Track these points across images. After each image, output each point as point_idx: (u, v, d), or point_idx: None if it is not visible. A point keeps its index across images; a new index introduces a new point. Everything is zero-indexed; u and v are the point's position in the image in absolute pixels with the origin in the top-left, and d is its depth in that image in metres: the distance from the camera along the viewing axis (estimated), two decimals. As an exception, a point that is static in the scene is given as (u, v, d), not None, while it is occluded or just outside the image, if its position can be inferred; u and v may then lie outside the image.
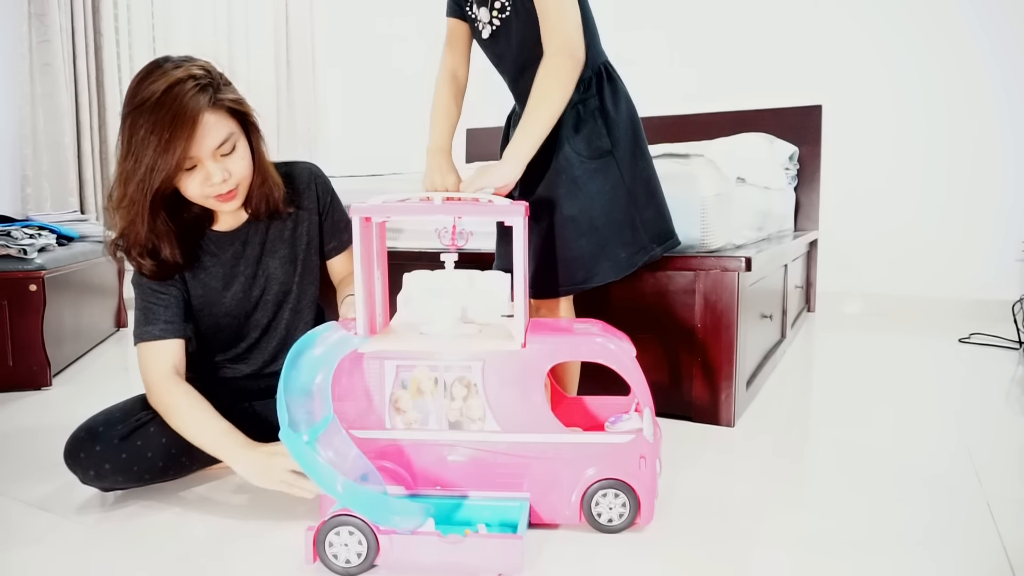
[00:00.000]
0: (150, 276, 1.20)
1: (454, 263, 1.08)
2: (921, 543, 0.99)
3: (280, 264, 1.31)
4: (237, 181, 1.18)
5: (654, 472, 1.02)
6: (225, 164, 1.15)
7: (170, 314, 1.22)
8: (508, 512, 1.00)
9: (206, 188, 1.15)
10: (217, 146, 1.13)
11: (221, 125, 1.13)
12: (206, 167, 1.13)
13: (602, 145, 1.27)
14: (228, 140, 1.15)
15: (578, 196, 1.26)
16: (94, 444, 1.12)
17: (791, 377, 1.99)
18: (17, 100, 2.84)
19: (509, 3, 1.27)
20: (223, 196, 1.18)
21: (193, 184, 1.14)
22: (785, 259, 2.22)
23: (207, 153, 1.12)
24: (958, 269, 2.94)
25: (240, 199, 1.22)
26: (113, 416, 1.17)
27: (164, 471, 1.18)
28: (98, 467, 1.12)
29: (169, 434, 1.16)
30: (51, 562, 0.97)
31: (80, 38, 2.98)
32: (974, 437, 1.44)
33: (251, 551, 0.99)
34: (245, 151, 1.20)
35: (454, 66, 1.40)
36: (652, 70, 3.36)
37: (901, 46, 2.97)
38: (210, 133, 1.11)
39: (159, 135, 1.06)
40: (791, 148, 2.90)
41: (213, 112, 1.12)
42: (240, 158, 1.18)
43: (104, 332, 2.59)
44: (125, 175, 1.10)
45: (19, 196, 2.87)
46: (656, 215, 1.34)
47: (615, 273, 1.29)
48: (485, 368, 1.00)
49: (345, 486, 0.88)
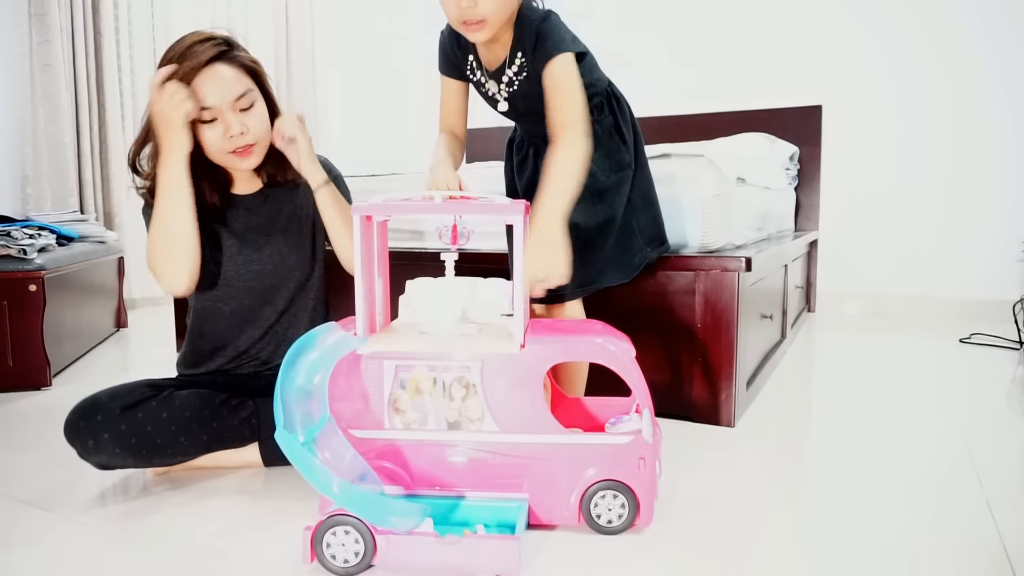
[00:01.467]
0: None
1: (454, 262, 1.08)
2: (921, 543, 0.99)
3: (284, 239, 1.35)
4: (255, 137, 1.25)
5: (653, 473, 1.01)
6: (243, 118, 1.23)
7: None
8: (506, 513, 1.00)
9: (225, 141, 1.22)
10: (236, 98, 1.21)
11: (237, 79, 1.22)
12: (225, 118, 1.21)
13: (623, 159, 1.35)
14: (246, 95, 1.23)
15: (601, 209, 1.31)
16: (95, 414, 1.14)
17: (791, 377, 1.99)
18: (17, 100, 2.84)
19: (520, 74, 1.26)
20: (241, 151, 1.24)
21: (214, 137, 1.22)
22: (785, 259, 2.22)
23: (226, 104, 1.20)
24: (958, 269, 2.94)
25: (257, 158, 1.28)
26: (117, 391, 1.19)
27: (162, 448, 1.17)
28: (96, 437, 1.12)
29: (170, 411, 1.18)
30: (50, 562, 0.97)
31: (80, 38, 2.99)
32: (974, 437, 1.43)
33: (249, 551, 0.99)
34: (263, 111, 1.27)
35: (452, 125, 1.39)
36: (652, 70, 3.36)
37: (901, 46, 2.97)
38: (226, 84, 1.20)
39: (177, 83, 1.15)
40: (791, 148, 2.90)
41: (227, 65, 1.21)
42: (258, 115, 1.25)
43: (104, 332, 2.59)
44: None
45: (19, 196, 2.88)
46: (651, 221, 1.44)
47: (621, 276, 1.37)
48: (484, 368, 1.00)
49: (341, 487, 0.88)
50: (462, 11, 1.16)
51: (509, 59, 1.26)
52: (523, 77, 1.27)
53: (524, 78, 1.27)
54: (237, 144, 1.23)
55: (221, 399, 1.25)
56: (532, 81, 1.25)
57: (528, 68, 1.25)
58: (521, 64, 1.25)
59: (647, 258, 1.43)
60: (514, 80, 1.28)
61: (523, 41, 1.23)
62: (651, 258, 1.44)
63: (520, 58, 1.25)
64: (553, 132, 1.19)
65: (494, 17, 1.17)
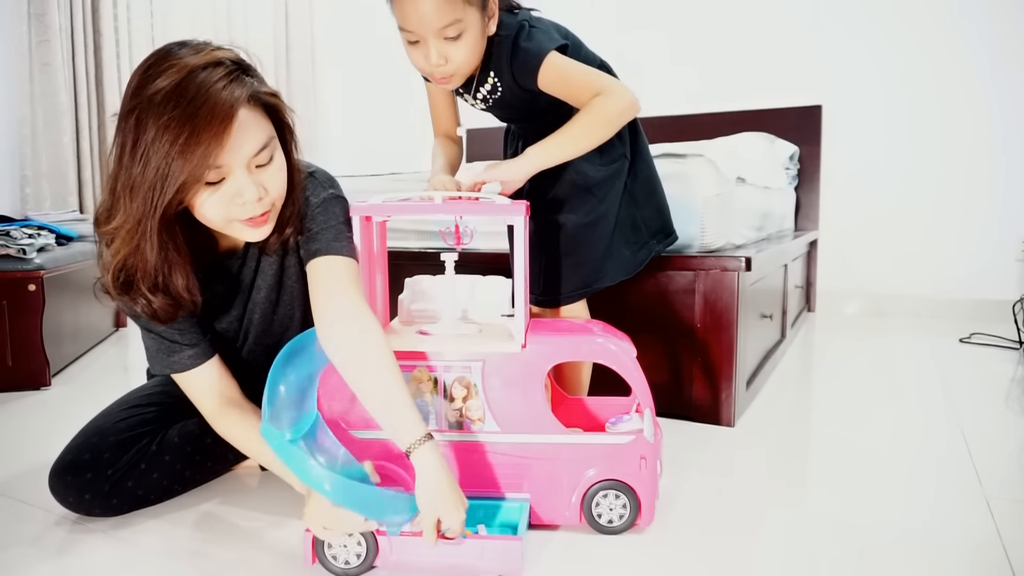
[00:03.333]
0: (163, 319, 0.98)
1: (454, 262, 1.08)
2: (921, 543, 0.99)
3: (266, 295, 1.14)
4: (272, 200, 0.95)
5: (655, 473, 1.01)
6: (260, 178, 0.91)
7: (190, 337, 1.05)
8: (508, 513, 1.00)
9: (233, 209, 0.91)
10: (254, 154, 0.89)
11: (259, 127, 0.90)
12: (237, 181, 0.89)
13: (614, 152, 1.29)
14: (266, 148, 0.91)
15: (592, 203, 1.26)
16: (82, 492, 1.04)
17: (791, 377, 1.99)
18: (17, 100, 2.84)
19: (494, 92, 1.24)
20: (254, 220, 0.94)
21: (216, 204, 0.90)
22: (785, 259, 2.22)
23: (240, 162, 0.88)
24: (958, 269, 2.94)
25: (271, 225, 0.97)
26: (100, 443, 1.08)
27: (153, 502, 1.13)
28: (88, 509, 1.07)
29: (160, 468, 1.12)
30: (50, 562, 0.97)
31: (79, 38, 2.98)
32: (974, 437, 1.43)
33: (250, 552, 0.99)
34: (282, 162, 0.96)
35: (445, 128, 1.38)
36: (653, 70, 3.36)
37: (901, 46, 2.97)
38: (247, 136, 0.87)
39: (176, 133, 0.82)
40: (791, 148, 2.89)
41: (250, 109, 0.89)
42: (278, 170, 0.94)
43: (103, 332, 2.58)
44: (130, 186, 0.85)
45: (18, 196, 2.87)
46: (655, 213, 1.37)
47: (623, 272, 1.32)
48: (485, 368, 1.00)
49: (333, 483, 0.85)
50: (432, 67, 1.12)
51: (479, 79, 1.22)
52: (497, 96, 1.24)
53: (500, 96, 1.24)
54: (252, 213, 0.92)
55: (214, 436, 1.11)
56: (512, 95, 1.22)
57: (504, 86, 1.21)
58: (494, 84, 1.22)
59: (653, 252, 1.36)
60: (488, 97, 1.25)
61: (496, 61, 1.18)
62: (658, 251, 1.38)
63: (492, 78, 1.21)
64: None
65: (466, 68, 1.15)
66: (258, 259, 1.12)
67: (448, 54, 1.10)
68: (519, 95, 1.22)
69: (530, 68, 1.16)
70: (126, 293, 0.95)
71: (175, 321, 1.01)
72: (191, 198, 0.89)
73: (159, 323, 1.00)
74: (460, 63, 1.12)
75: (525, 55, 1.15)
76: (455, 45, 1.10)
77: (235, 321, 1.15)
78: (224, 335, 1.15)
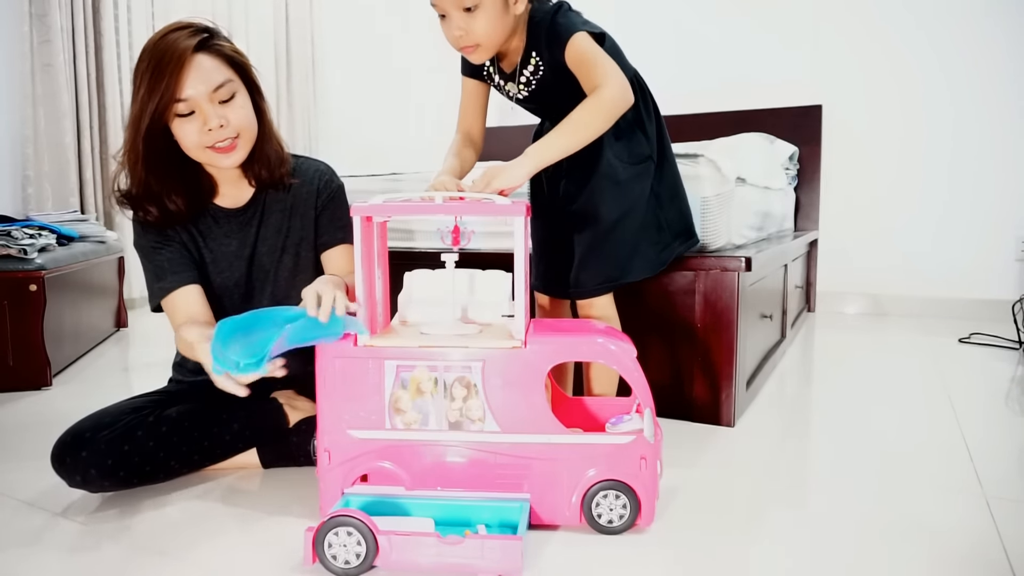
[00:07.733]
0: (154, 221, 1.20)
1: (455, 263, 1.08)
2: (921, 543, 0.99)
3: (268, 252, 1.29)
4: (236, 130, 1.16)
5: (655, 473, 1.02)
6: (223, 111, 1.14)
7: (176, 265, 1.21)
8: (508, 513, 1.00)
9: (203, 135, 1.13)
10: (213, 89, 1.12)
11: (216, 70, 1.14)
12: (203, 111, 1.12)
13: (642, 152, 1.33)
14: (225, 86, 1.14)
15: (621, 199, 1.29)
16: (80, 450, 1.10)
17: (791, 377, 1.99)
18: (18, 100, 2.84)
19: (536, 73, 1.27)
20: (222, 147, 1.15)
21: (190, 131, 1.13)
22: (785, 259, 2.22)
23: (202, 96, 1.12)
24: (958, 269, 2.94)
25: (241, 154, 1.19)
26: (101, 421, 1.15)
27: (152, 475, 1.17)
28: (84, 472, 1.11)
29: (158, 438, 1.16)
30: (49, 561, 0.97)
31: (80, 38, 2.99)
32: (974, 437, 1.44)
33: (249, 552, 0.99)
34: (246, 103, 1.18)
35: (469, 127, 1.39)
36: (653, 70, 3.35)
37: (901, 46, 2.97)
38: (204, 74, 1.12)
39: (148, 75, 1.09)
40: (791, 148, 2.89)
41: (207, 55, 1.13)
42: (239, 107, 1.17)
43: (104, 332, 2.59)
44: (129, 121, 1.14)
45: (20, 196, 2.87)
46: (678, 215, 1.41)
47: (649, 270, 1.36)
48: (485, 368, 1.00)
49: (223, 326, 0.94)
50: (456, 39, 1.20)
51: (523, 61, 1.27)
52: (540, 76, 1.27)
53: (542, 76, 1.27)
54: (216, 138, 1.14)
55: (211, 415, 1.22)
56: (554, 74, 1.25)
57: (545, 64, 1.25)
58: (536, 64, 1.26)
59: (675, 252, 1.41)
60: (531, 80, 1.28)
61: (537, 40, 1.24)
62: (679, 252, 1.42)
63: (534, 58, 1.26)
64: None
65: (488, 40, 1.19)
66: (261, 216, 1.29)
67: (467, 26, 1.17)
68: (560, 75, 1.24)
69: (561, 40, 1.20)
70: (131, 203, 1.19)
71: (169, 227, 1.22)
72: (171, 125, 1.13)
73: (153, 229, 1.21)
74: (480, 35, 1.18)
75: (558, 27, 1.22)
76: (473, 17, 1.16)
77: (242, 276, 1.29)
78: (234, 289, 1.29)
